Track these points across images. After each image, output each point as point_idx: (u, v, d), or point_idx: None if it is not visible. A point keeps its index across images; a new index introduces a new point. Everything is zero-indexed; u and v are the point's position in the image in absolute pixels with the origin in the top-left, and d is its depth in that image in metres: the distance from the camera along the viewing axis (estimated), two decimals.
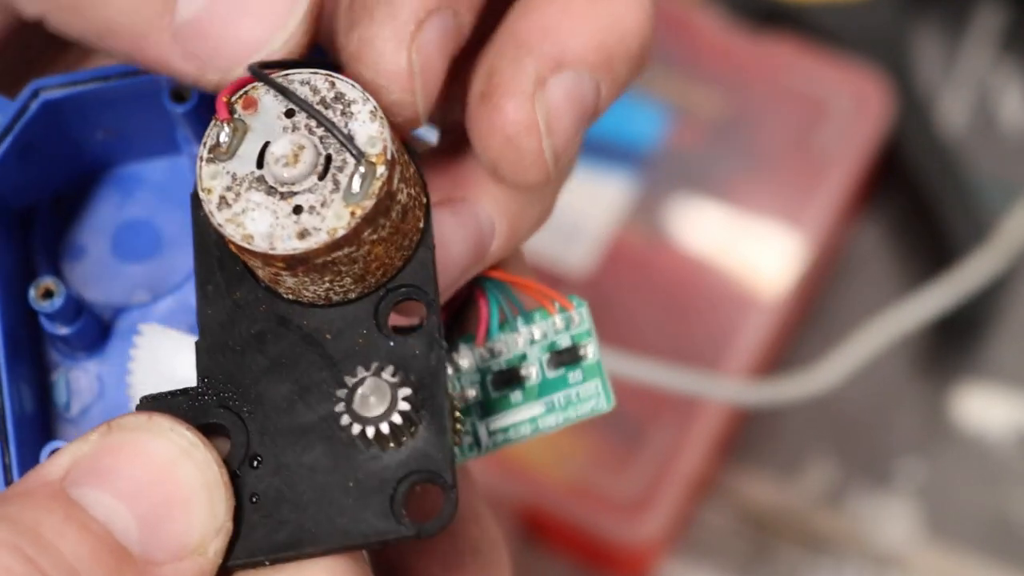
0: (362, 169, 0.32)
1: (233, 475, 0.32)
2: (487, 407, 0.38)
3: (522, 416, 0.38)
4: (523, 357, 0.38)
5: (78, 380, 0.37)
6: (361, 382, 0.32)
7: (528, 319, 0.38)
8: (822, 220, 0.76)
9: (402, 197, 0.33)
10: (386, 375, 0.32)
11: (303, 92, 0.33)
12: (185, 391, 0.33)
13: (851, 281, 0.80)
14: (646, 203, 0.77)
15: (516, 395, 0.38)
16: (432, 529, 0.32)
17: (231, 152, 0.33)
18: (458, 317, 0.38)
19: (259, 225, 0.32)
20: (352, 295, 0.34)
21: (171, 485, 0.31)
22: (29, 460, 0.35)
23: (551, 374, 0.38)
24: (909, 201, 0.80)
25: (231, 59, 0.33)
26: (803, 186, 0.77)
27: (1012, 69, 0.83)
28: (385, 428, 0.32)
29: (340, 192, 0.32)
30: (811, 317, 0.79)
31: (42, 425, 0.36)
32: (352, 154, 0.32)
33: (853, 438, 0.75)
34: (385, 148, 0.33)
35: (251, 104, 0.33)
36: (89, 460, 0.31)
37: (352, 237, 0.32)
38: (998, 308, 0.77)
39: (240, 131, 0.33)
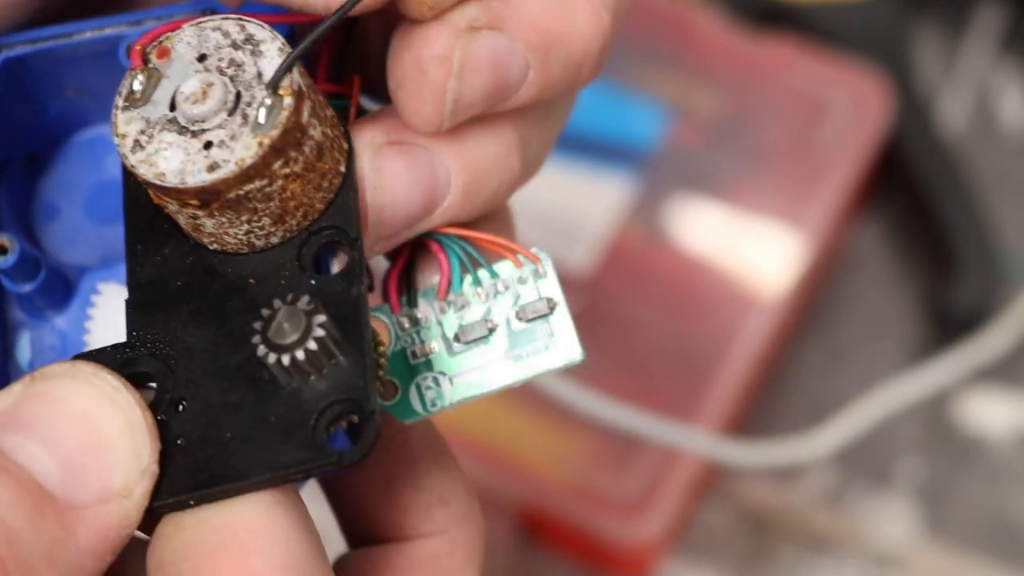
0: (269, 101, 0.33)
1: (159, 421, 0.32)
2: (451, 361, 0.38)
3: (489, 370, 0.38)
4: (488, 310, 0.38)
5: (42, 339, 0.37)
6: (276, 311, 0.33)
7: (492, 273, 0.38)
8: (822, 220, 0.76)
9: (315, 133, 0.34)
10: (301, 304, 0.33)
11: (214, 38, 0.34)
12: (115, 345, 0.34)
13: (851, 281, 0.80)
14: (646, 203, 0.77)
15: (481, 348, 0.38)
16: (354, 456, 0.32)
17: (145, 99, 0.34)
18: (412, 273, 0.38)
19: (170, 163, 0.33)
20: (274, 240, 0.34)
21: (93, 429, 0.31)
22: None
23: (518, 327, 0.38)
24: (909, 201, 0.79)
25: None
26: (803, 186, 0.77)
27: (1012, 69, 0.83)
28: (300, 355, 0.32)
29: (249, 125, 0.33)
30: (811, 317, 0.79)
31: (3, 383, 0.36)
32: (270, 84, 0.33)
33: (854, 439, 0.75)
34: (291, 81, 0.33)
35: (164, 53, 0.34)
36: (11, 409, 0.31)
37: (261, 167, 0.33)
38: (998, 307, 0.77)
39: (154, 79, 0.34)
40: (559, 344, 0.38)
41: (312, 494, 0.37)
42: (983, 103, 0.83)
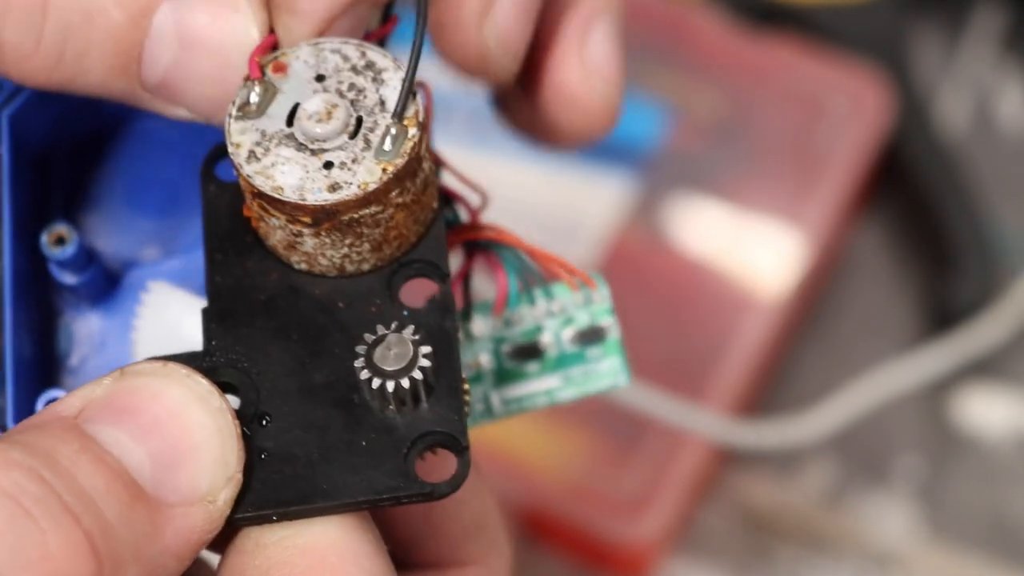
0: (394, 130, 0.33)
1: (244, 434, 0.32)
2: (501, 376, 0.38)
3: (538, 387, 0.38)
4: (540, 329, 0.38)
5: (80, 330, 0.37)
6: (383, 338, 0.33)
7: (548, 292, 0.38)
8: (822, 220, 0.76)
9: (426, 167, 0.34)
10: (407, 333, 0.33)
11: (334, 60, 0.34)
12: (193, 354, 0.33)
13: (851, 281, 0.80)
14: (646, 203, 0.77)
15: (532, 366, 0.38)
16: (446, 488, 0.32)
17: (261, 111, 0.34)
18: (469, 286, 0.39)
19: (289, 177, 0.33)
20: (366, 267, 0.34)
21: (185, 429, 0.31)
22: (24, 406, 0.35)
23: (569, 348, 0.38)
24: (908, 201, 0.80)
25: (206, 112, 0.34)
26: (803, 186, 0.77)
27: (1012, 69, 0.83)
28: (405, 383, 0.32)
29: (372, 150, 0.33)
30: (811, 317, 0.79)
31: (41, 373, 0.36)
32: (396, 112, 0.33)
33: (853, 438, 0.75)
34: (417, 112, 0.33)
35: (281, 68, 0.34)
36: (103, 400, 0.31)
37: (382, 194, 0.33)
38: (996, 305, 0.77)
39: (270, 92, 0.34)
40: (607, 369, 0.38)
41: None
42: (983, 103, 0.83)
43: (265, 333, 0.34)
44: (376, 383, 0.32)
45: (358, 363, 0.33)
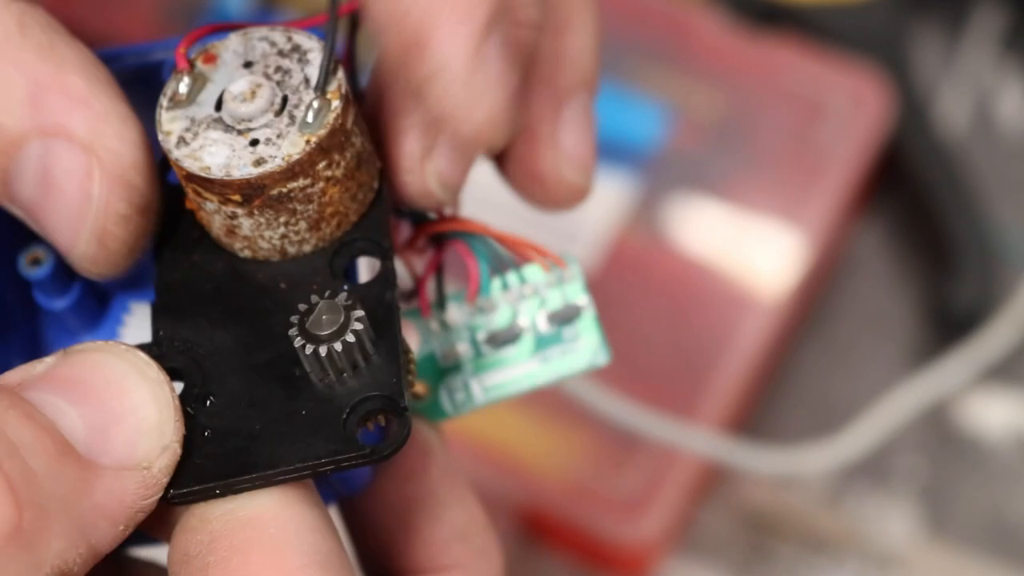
0: (317, 103, 0.34)
1: (187, 413, 0.33)
2: (480, 364, 0.38)
3: (517, 372, 0.38)
4: (515, 313, 0.38)
5: None
6: (315, 305, 0.33)
7: (520, 276, 0.38)
8: (822, 220, 0.76)
9: (356, 141, 0.34)
10: (339, 299, 0.33)
11: (261, 47, 0.35)
12: (141, 344, 0.34)
13: (851, 281, 0.80)
14: (646, 203, 0.77)
15: (510, 351, 0.38)
16: (385, 451, 0.33)
17: (191, 100, 0.35)
18: (441, 277, 0.39)
19: (216, 157, 0.34)
20: (307, 248, 0.35)
21: (121, 395, 0.31)
22: None
23: (545, 330, 0.38)
24: (909, 201, 0.79)
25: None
26: (803, 186, 0.77)
27: (1012, 69, 0.83)
28: (338, 347, 0.33)
29: (296, 124, 0.34)
30: (811, 317, 0.79)
31: None
32: (318, 86, 0.34)
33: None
34: (340, 85, 0.34)
35: (211, 59, 0.35)
36: (43, 372, 0.32)
37: (307, 164, 0.34)
38: (998, 307, 0.77)
39: (200, 82, 0.35)
40: (585, 347, 0.38)
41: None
42: (983, 103, 0.83)
43: (211, 320, 0.34)
44: (310, 349, 0.33)
45: (292, 331, 0.33)
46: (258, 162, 0.33)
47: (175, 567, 0.32)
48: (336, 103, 0.34)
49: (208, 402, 0.33)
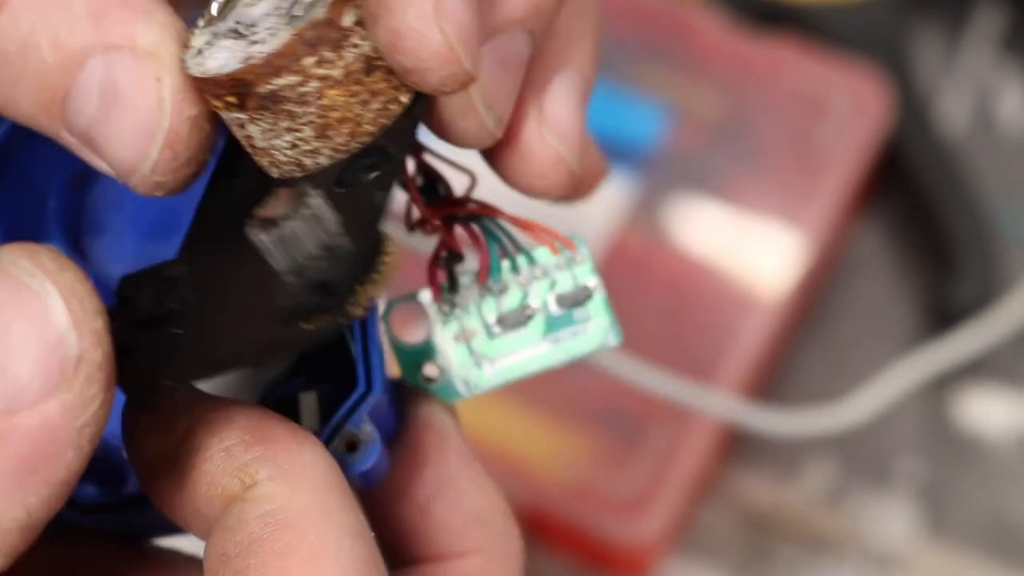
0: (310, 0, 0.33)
1: (170, 312, 0.33)
2: (492, 345, 0.39)
3: (528, 353, 0.39)
4: (526, 295, 0.38)
5: None
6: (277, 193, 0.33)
7: (530, 258, 0.38)
8: (822, 220, 0.76)
9: (363, 44, 0.33)
10: (300, 188, 0.33)
11: None
12: (162, 263, 0.34)
13: (851, 281, 0.80)
14: (646, 203, 0.77)
15: (521, 332, 0.39)
16: (312, 334, 0.33)
17: (222, 18, 0.34)
18: (452, 258, 0.39)
19: (216, 60, 0.33)
20: (322, 159, 0.34)
21: (10, 330, 0.30)
22: None
23: (556, 311, 0.39)
24: (909, 201, 0.79)
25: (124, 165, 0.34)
26: (803, 186, 0.77)
27: (1012, 69, 0.83)
28: (287, 229, 0.33)
29: (290, 24, 0.33)
30: (811, 317, 0.79)
31: None
32: None
33: (853, 438, 0.75)
34: None
35: None
36: None
37: (289, 59, 0.33)
38: (999, 307, 0.77)
39: (232, 3, 0.34)
40: (596, 328, 0.38)
41: None
42: (983, 103, 0.83)
43: (226, 242, 0.34)
44: (258, 235, 0.33)
45: (251, 223, 0.33)
46: (246, 59, 0.33)
47: (212, 565, 0.32)
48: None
49: (184, 303, 0.33)
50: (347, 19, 0.33)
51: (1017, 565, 0.73)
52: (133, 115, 0.32)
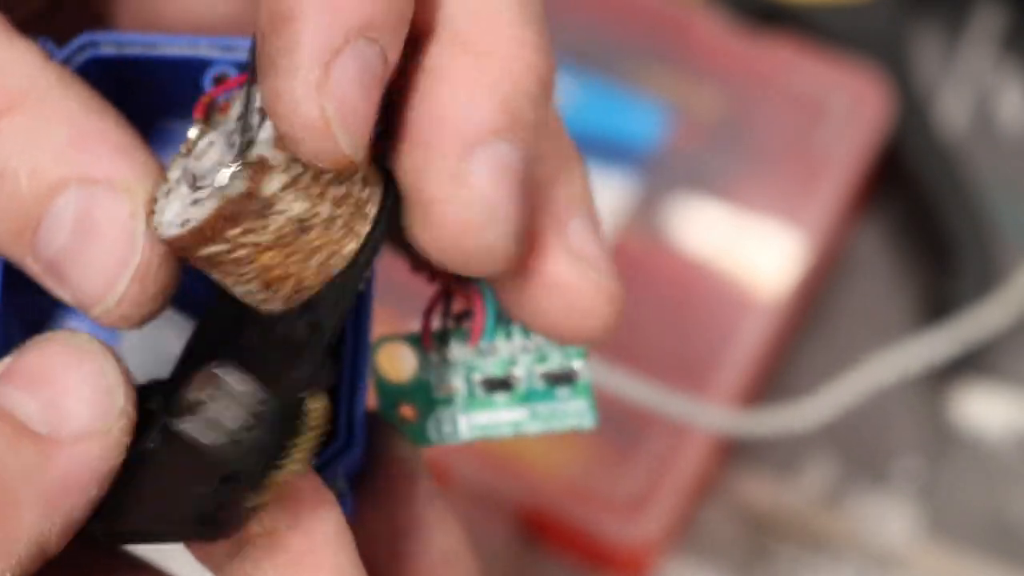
0: (237, 168, 0.32)
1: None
2: (471, 402, 0.39)
3: (505, 417, 0.39)
4: (513, 363, 0.39)
5: None
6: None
7: (524, 332, 0.39)
8: (822, 220, 0.76)
9: (291, 207, 0.33)
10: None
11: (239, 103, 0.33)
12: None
13: (851, 281, 0.80)
14: (646, 203, 0.77)
15: (501, 396, 0.39)
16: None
17: (184, 157, 0.34)
18: (448, 312, 0.39)
19: (165, 214, 0.33)
20: (276, 306, 0.34)
21: (68, 372, 0.32)
22: None
23: (539, 384, 0.39)
24: (909, 201, 0.80)
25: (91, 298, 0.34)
26: (803, 186, 0.77)
27: (1012, 69, 0.83)
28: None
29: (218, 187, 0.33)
30: (811, 317, 0.79)
31: None
32: (239, 152, 0.32)
33: (853, 438, 0.75)
34: (256, 151, 0.32)
35: (225, 109, 0.34)
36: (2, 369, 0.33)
37: (214, 230, 0.32)
38: (997, 305, 0.77)
39: (204, 131, 0.34)
40: (574, 410, 0.39)
41: None
42: (983, 103, 0.83)
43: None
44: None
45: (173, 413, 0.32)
46: (184, 223, 0.32)
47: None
48: (247, 172, 0.32)
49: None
50: (270, 187, 0.32)
51: (1017, 565, 0.73)
52: (105, 247, 0.33)
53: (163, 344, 0.37)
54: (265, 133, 0.32)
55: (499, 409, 0.39)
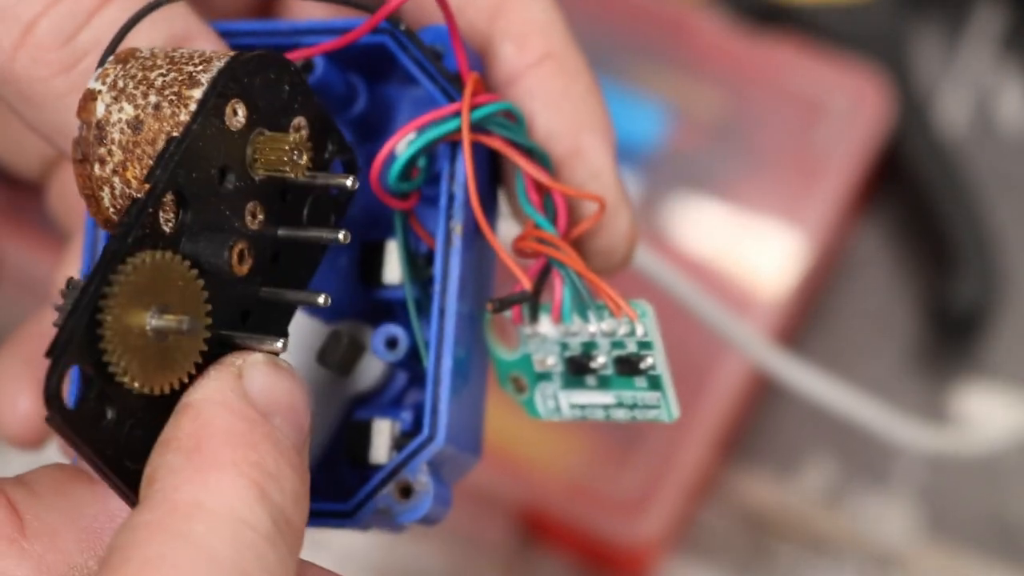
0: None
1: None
2: (565, 382, 0.40)
3: (596, 400, 0.40)
4: (594, 345, 0.39)
5: None
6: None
7: (599, 315, 0.39)
8: (822, 220, 0.76)
9: (121, 115, 0.35)
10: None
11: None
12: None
13: (851, 282, 0.80)
14: (646, 203, 0.77)
15: (590, 379, 0.40)
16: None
17: None
18: (538, 291, 0.40)
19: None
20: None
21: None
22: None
23: (618, 372, 0.39)
24: (909, 201, 0.80)
25: None
26: (803, 186, 0.77)
27: (1012, 69, 0.83)
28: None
29: None
30: (811, 317, 0.79)
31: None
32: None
33: (853, 438, 0.75)
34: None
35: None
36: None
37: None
38: (998, 307, 0.77)
39: None
40: (652, 401, 0.40)
41: None
42: (983, 103, 0.83)
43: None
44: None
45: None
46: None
47: None
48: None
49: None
50: (100, 110, 0.35)
51: (1017, 565, 0.74)
52: None
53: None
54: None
55: (591, 391, 0.40)
